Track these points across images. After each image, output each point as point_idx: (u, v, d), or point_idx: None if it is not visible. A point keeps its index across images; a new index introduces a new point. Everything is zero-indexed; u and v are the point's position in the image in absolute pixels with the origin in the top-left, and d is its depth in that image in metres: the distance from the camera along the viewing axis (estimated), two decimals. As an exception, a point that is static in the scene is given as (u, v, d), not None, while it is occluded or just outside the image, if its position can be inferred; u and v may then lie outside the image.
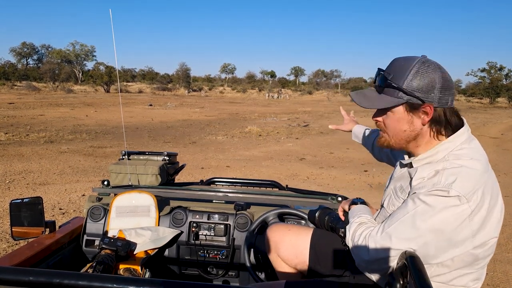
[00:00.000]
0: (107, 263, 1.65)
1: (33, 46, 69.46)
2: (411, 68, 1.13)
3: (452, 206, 1.06)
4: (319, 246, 1.54)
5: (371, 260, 1.16)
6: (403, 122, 1.18)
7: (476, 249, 1.12)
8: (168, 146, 9.81)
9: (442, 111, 1.15)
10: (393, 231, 1.12)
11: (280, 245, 1.60)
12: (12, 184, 5.76)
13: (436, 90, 1.13)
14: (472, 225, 1.07)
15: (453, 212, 1.06)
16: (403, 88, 1.13)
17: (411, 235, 1.09)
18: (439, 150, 1.17)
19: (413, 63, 1.14)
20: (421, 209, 1.09)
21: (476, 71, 50.28)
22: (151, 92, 44.05)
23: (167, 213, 2.01)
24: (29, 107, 19.54)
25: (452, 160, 1.13)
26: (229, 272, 2.06)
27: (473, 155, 1.15)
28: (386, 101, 1.17)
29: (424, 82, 1.12)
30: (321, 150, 9.84)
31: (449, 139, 1.17)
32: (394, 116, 1.19)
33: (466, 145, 1.17)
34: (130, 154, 2.45)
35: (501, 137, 14.14)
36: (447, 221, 1.06)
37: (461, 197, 1.05)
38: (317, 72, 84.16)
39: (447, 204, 1.06)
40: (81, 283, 0.65)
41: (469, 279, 1.17)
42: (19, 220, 1.75)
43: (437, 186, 1.08)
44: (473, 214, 1.07)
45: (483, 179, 1.11)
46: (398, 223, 1.12)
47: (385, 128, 1.23)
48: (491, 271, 3.48)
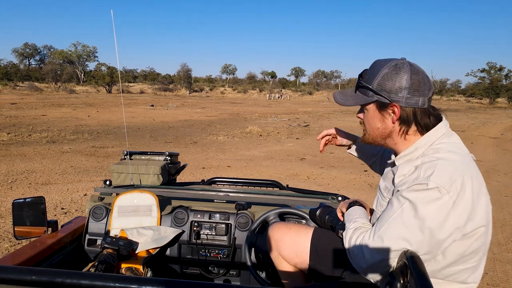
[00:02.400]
0: (109, 262, 1.65)
1: (35, 47, 69.62)
2: (383, 69, 1.21)
3: (434, 199, 1.08)
4: (319, 244, 1.54)
5: (369, 266, 1.17)
6: (376, 120, 1.28)
7: (465, 239, 1.12)
8: (169, 146, 9.82)
9: (411, 111, 1.21)
10: (384, 234, 1.14)
11: (281, 243, 1.60)
12: (15, 184, 5.77)
13: (404, 91, 1.19)
14: (457, 214, 1.08)
15: (436, 205, 1.08)
16: (372, 88, 1.23)
17: (402, 234, 1.11)
18: (417, 146, 1.22)
19: (386, 64, 1.22)
20: (406, 207, 1.11)
21: (476, 71, 50.26)
22: (152, 93, 44.08)
23: (169, 212, 2.02)
24: (31, 108, 19.57)
25: (430, 154, 1.17)
26: (230, 271, 2.06)
27: (451, 148, 1.19)
28: (357, 99, 1.29)
29: (392, 83, 1.20)
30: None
31: (426, 135, 1.22)
32: (368, 114, 1.29)
33: (445, 139, 1.21)
34: (132, 154, 2.45)
35: (501, 137, 14.11)
36: (433, 215, 1.08)
37: (440, 188, 1.08)
38: (317, 72, 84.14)
39: (429, 197, 1.08)
40: (83, 282, 0.66)
41: (467, 274, 1.18)
42: (22, 219, 1.75)
43: (416, 180, 1.12)
44: (456, 204, 1.08)
45: (461, 169, 1.13)
46: (387, 224, 1.14)
47: (364, 125, 1.33)
48: (491, 270, 3.47)
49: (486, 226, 1.14)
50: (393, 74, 1.20)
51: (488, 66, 48.87)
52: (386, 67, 1.21)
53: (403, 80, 1.18)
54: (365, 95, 1.26)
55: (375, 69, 1.24)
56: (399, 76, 1.19)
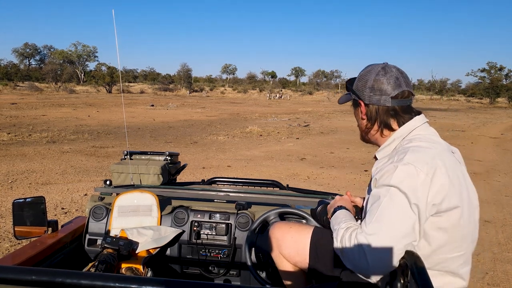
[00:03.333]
0: (109, 262, 1.65)
1: (36, 47, 69.66)
2: (361, 71, 1.37)
3: (412, 174, 1.13)
4: (319, 244, 1.55)
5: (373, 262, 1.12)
6: (357, 117, 1.42)
7: (442, 217, 1.15)
8: (169, 146, 9.83)
9: (374, 108, 1.32)
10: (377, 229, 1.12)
11: (282, 242, 1.61)
12: (15, 184, 5.78)
13: (367, 89, 1.32)
14: (434, 191, 1.13)
15: (415, 180, 1.12)
16: (351, 88, 1.39)
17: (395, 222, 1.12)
18: (394, 138, 1.31)
19: (366, 68, 1.36)
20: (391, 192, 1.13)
21: (476, 71, 50.25)
22: (152, 93, 44.10)
23: (169, 212, 2.02)
24: (32, 108, 19.58)
25: (404, 145, 1.25)
26: (230, 271, 2.06)
27: (425, 139, 1.25)
28: (344, 98, 1.45)
29: (361, 83, 1.34)
30: (322, 150, 9.83)
31: (400, 128, 1.31)
32: (355, 112, 1.43)
33: (421, 132, 1.28)
34: (132, 154, 2.46)
35: (501, 137, 14.11)
36: (414, 190, 1.11)
37: (414, 165, 1.13)
38: (318, 72, 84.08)
39: (407, 172, 1.13)
40: (84, 282, 0.65)
41: (456, 264, 1.20)
42: (22, 219, 1.75)
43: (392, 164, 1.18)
44: (433, 182, 1.13)
45: (432, 154, 1.18)
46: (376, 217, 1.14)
47: None
48: (491, 270, 3.47)
49: (462, 208, 1.17)
50: (364, 75, 1.34)
51: (488, 66, 48.87)
52: (363, 70, 1.36)
53: (369, 80, 1.32)
54: (348, 95, 1.43)
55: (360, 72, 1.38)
56: (367, 76, 1.33)
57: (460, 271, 1.21)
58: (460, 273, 1.21)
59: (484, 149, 10.85)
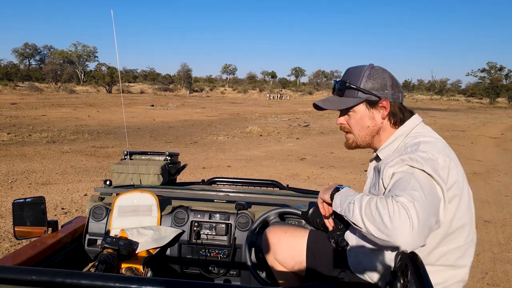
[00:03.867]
0: (109, 262, 1.65)
1: (36, 47, 69.66)
2: (364, 72, 1.32)
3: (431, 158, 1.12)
4: (315, 247, 1.54)
5: (419, 227, 0.97)
6: (366, 118, 1.34)
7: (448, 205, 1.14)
8: (169, 146, 9.83)
9: (396, 105, 1.32)
10: (412, 199, 1.00)
11: (277, 247, 1.60)
12: (15, 184, 5.78)
13: (389, 87, 1.31)
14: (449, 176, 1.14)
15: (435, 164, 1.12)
16: (361, 88, 1.31)
17: (427, 196, 1.04)
18: (396, 136, 1.32)
19: (364, 68, 1.33)
20: (416, 173, 1.09)
21: (476, 71, 50.27)
22: (152, 93, 44.11)
23: (169, 212, 2.02)
24: (32, 108, 19.58)
25: (410, 141, 1.25)
26: (230, 271, 2.06)
27: (428, 134, 1.28)
28: (347, 102, 1.33)
29: (377, 82, 1.31)
30: (322, 150, 9.83)
31: (402, 127, 1.32)
32: (356, 115, 1.35)
33: (420, 129, 1.31)
34: (132, 154, 2.46)
35: (501, 137, 14.11)
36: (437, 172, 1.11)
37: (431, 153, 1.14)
38: (318, 72, 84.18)
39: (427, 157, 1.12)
40: (84, 282, 0.65)
41: (456, 256, 1.21)
42: (22, 219, 1.76)
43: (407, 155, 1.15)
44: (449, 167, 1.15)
45: (441, 147, 1.20)
46: (408, 190, 1.03)
47: (350, 128, 1.38)
48: (492, 270, 3.47)
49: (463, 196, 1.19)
50: (375, 74, 1.31)
51: (488, 66, 48.88)
52: (366, 70, 1.32)
53: (386, 78, 1.31)
54: (354, 97, 1.33)
55: (354, 74, 1.33)
56: (381, 75, 1.32)
57: (458, 262, 1.21)
58: (459, 264, 1.22)
59: (484, 149, 10.85)
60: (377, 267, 1.26)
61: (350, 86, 1.32)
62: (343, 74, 1.39)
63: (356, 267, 1.35)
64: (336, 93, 1.38)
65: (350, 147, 1.42)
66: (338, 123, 1.41)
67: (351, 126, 1.37)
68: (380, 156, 1.34)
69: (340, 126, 1.41)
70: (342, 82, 1.35)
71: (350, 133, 1.39)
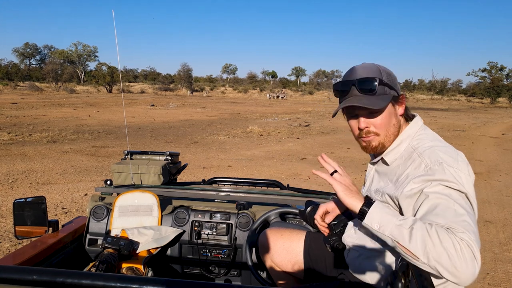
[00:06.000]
0: (110, 262, 1.65)
1: (36, 47, 69.81)
2: (379, 67, 1.26)
3: (463, 175, 1.10)
4: (312, 249, 1.53)
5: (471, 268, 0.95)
6: (392, 116, 1.26)
7: None
8: (170, 146, 9.82)
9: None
10: (465, 228, 0.99)
11: (273, 251, 1.59)
12: (15, 184, 5.78)
13: (397, 81, 1.28)
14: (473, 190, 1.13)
15: (468, 180, 1.11)
16: (388, 84, 1.24)
17: (472, 220, 1.03)
18: (402, 139, 1.27)
19: (373, 65, 1.27)
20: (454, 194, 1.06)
21: (477, 71, 50.22)
22: (153, 93, 44.11)
23: (170, 212, 2.02)
24: (32, 107, 19.59)
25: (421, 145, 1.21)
26: (231, 271, 2.06)
27: (433, 138, 1.25)
28: (384, 99, 1.23)
29: (392, 76, 1.27)
30: (322, 150, 9.83)
31: (408, 127, 1.28)
32: (385, 114, 1.24)
33: (422, 131, 1.28)
34: (132, 154, 2.45)
35: (502, 137, 14.08)
36: (470, 189, 1.10)
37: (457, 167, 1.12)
38: (318, 72, 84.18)
39: (459, 174, 1.10)
40: (84, 282, 0.65)
41: None
42: (22, 219, 1.76)
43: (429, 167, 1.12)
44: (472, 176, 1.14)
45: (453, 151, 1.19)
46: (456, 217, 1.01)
47: (377, 129, 1.25)
48: (492, 270, 3.47)
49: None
50: (386, 69, 1.27)
51: (489, 66, 48.86)
52: (379, 66, 1.27)
53: (392, 73, 1.28)
54: (385, 94, 1.23)
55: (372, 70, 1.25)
56: (388, 70, 1.28)
57: None
58: None
59: (485, 149, 10.84)
60: (377, 268, 1.26)
61: (382, 82, 1.22)
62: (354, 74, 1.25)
63: (356, 268, 1.34)
64: (366, 92, 1.22)
65: (375, 151, 1.29)
66: (363, 127, 1.25)
67: (378, 127, 1.25)
68: (387, 160, 1.27)
69: (364, 129, 1.26)
70: (371, 79, 1.22)
71: (375, 135, 1.25)
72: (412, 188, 1.11)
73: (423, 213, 1.06)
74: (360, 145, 1.32)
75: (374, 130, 1.25)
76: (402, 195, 1.13)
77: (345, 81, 1.26)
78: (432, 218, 1.03)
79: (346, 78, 1.27)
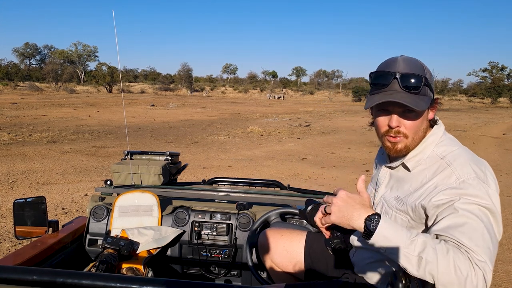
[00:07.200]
0: (110, 262, 1.65)
1: (36, 47, 69.86)
2: (421, 65, 1.16)
3: (493, 192, 1.10)
4: (313, 249, 1.53)
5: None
6: (424, 120, 1.18)
7: None
8: (170, 146, 9.83)
9: None
10: (486, 256, 1.00)
11: (274, 251, 1.59)
12: (15, 184, 5.78)
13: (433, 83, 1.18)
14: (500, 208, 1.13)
15: (496, 197, 1.11)
16: (430, 84, 1.15)
17: (495, 247, 1.05)
18: (426, 145, 1.20)
19: (417, 60, 1.17)
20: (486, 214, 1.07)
21: (478, 71, 50.08)
22: (153, 93, 44.14)
23: (170, 212, 2.02)
24: (32, 107, 19.60)
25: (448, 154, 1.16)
26: (231, 271, 2.06)
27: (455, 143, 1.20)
28: (426, 101, 1.14)
29: (432, 77, 1.18)
30: (323, 150, 9.83)
31: (432, 132, 1.21)
32: (418, 116, 1.15)
33: (444, 137, 1.22)
34: (132, 154, 2.45)
35: (502, 137, 14.07)
36: (498, 207, 1.10)
37: (489, 184, 1.10)
38: (319, 72, 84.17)
39: (490, 190, 1.09)
40: (84, 282, 0.65)
41: None
42: (22, 219, 1.76)
43: (461, 179, 1.08)
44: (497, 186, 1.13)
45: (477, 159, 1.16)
46: (481, 242, 1.01)
47: (407, 131, 1.16)
48: (493, 271, 3.46)
49: None
50: (427, 68, 1.17)
51: (490, 66, 48.78)
52: (421, 62, 1.16)
53: (431, 72, 1.19)
54: (427, 95, 1.14)
55: (416, 67, 1.14)
56: (428, 69, 1.17)
57: None
58: None
59: (486, 149, 10.83)
60: (380, 269, 1.26)
61: (427, 82, 1.13)
62: (403, 66, 1.13)
63: (360, 268, 1.33)
64: (411, 89, 1.12)
65: (398, 153, 1.20)
66: (395, 125, 1.15)
67: (409, 129, 1.16)
68: (409, 166, 1.20)
69: (395, 128, 1.16)
70: (418, 77, 1.11)
71: (404, 137, 1.17)
72: (441, 198, 1.07)
73: (446, 225, 1.03)
74: (383, 144, 1.22)
75: (404, 131, 1.16)
76: (431, 204, 1.09)
77: (386, 72, 1.14)
78: (456, 234, 1.00)
79: (386, 69, 1.15)
